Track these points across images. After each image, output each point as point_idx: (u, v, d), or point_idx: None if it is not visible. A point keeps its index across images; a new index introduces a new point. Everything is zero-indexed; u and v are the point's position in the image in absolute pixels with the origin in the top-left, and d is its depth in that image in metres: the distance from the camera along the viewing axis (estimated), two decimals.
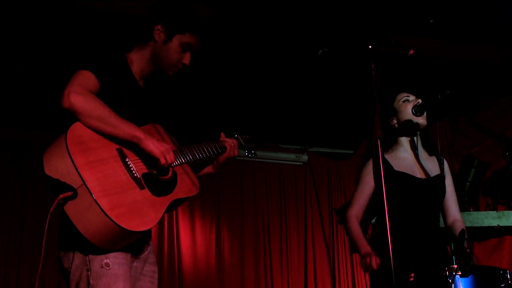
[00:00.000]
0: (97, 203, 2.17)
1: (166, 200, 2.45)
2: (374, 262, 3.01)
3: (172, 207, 2.50)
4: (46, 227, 2.24)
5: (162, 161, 2.41)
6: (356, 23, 4.53)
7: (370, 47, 2.39)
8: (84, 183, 2.18)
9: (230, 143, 2.84)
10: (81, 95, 2.30)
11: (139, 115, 2.54)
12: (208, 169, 2.90)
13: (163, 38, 2.60)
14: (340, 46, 4.75)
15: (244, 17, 4.51)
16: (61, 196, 2.19)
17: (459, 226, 3.30)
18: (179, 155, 2.58)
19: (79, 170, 2.19)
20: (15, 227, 5.65)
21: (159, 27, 2.60)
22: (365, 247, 3.16)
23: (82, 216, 2.20)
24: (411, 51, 2.48)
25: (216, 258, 6.28)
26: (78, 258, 2.32)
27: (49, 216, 2.22)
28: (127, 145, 2.40)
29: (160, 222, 6.00)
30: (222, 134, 2.89)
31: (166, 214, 6.01)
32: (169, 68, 2.65)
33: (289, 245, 6.55)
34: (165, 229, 6.11)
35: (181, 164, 2.58)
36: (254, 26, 4.61)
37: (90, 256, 2.30)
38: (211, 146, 2.76)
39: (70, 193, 2.19)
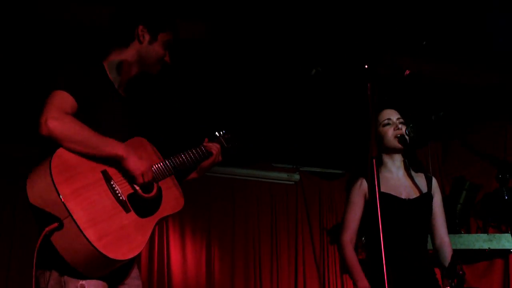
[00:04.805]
0: (84, 234, 2.15)
1: (152, 220, 2.43)
2: None
3: (158, 223, 2.49)
4: (34, 262, 2.20)
5: (140, 180, 2.40)
6: (350, 43, 4.55)
7: (366, 66, 2.39)
8: (70, 214, 2.15)
9: (215, 149, 2.83)
10: (58, 120, 2.26)
11: (122, 126, 2.52)
12: (193, 175, 2.88)
13: (148, 39, 2.60)
14: (334, 66, 4.76)
15: (238, 34, 4.52)
16: (47, 229, 2.16)
17: (446, 249, 3.26)
18: (163, 167, 2.57)
19: (64, 201, 2.16)
20: (4, 240, 5.61)
21: (141, 28, 2.59)
22: (362, 280, 3.12)
23: (69, 247, 2.18)
24: (407, 72, 2.48)
25: (206, 277, 6.24)
26: (53, 278, 2.28)
27: (36, 252, 2.19)
28: (111, 165, 2.38)
29: (151, 240, 5.95)
30: (206, 139, 2.89)
31: (156, 231, 6.02)
32: (155, 67, 2.66)
33: (279, 264, 6.53)
34: (156, 247, 6.08)
35: (165, 177, 2.57)
36: (247, 43, 4.62)
37: (66, 278, 2.26)
38: (194, 153, 2.76)
39: (56, 224, 2.16)
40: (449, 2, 4.22)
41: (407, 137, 3.25)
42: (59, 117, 2.27)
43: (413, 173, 3.36)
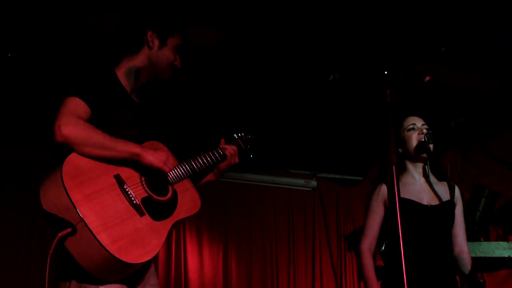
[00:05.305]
0: (96, 239, 2.15)
1: (168, 223, 2.42)
2: None
3: (174, 226, 2.48)
4: (48, 267, 2.21)
5: (166, 169, 2.43)
6: (369, 49, 4.54)
7: (386, 72, 2.37)
8: (82, 219, 2.15)
9: (230, 150, 2.80)
10: (71, 125, 2.28)
11: (137, 131, 2.52)
12: (210, 177, 2.86)
13: (158, 44, 2.62)
14: (353, 72, 4.75)
15: (256, 41, 4.53)
16: (60, 234, 2.17)
17: (465, 257, 3.23)
18: (178, 171, 2.56)
19: (76, 206, 2.16)
20: (22, 247, 5.63)
21: (150, 33, 2.61)
22: None
23: (83, 252, 2.18)
24: (427, 78, 2.46)
25: (223, 283, 6.23)
26: (73, 285, 2.29)
27: (49, 257, 2.20)
28: (125, 169, 2.38)
29: (168, 246, 5.98)
30: (222, 141, 2.87)
31: (174, 237, 6.02)
32: (166, 72, 2.68)
33: (296, 271, 6.51)
34: (173, 252, 6.07)
35: (181, 180, 2.55)
36: (265, 50, 4.63)
37: (85, 285, 2.27)
38: (211, 155, 2.73)
39: (69, 230, 2.16)
40: (471, 11, 4.21)
41: (430, 145, 3.23)
42: (71, 122, 2.29)
43: (435, 180, 3.33)
